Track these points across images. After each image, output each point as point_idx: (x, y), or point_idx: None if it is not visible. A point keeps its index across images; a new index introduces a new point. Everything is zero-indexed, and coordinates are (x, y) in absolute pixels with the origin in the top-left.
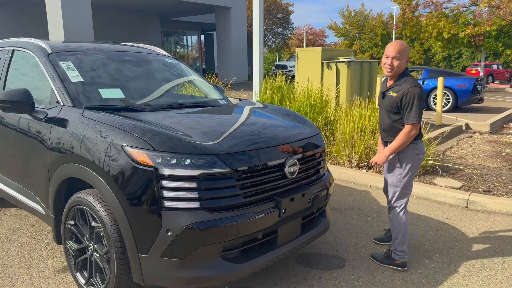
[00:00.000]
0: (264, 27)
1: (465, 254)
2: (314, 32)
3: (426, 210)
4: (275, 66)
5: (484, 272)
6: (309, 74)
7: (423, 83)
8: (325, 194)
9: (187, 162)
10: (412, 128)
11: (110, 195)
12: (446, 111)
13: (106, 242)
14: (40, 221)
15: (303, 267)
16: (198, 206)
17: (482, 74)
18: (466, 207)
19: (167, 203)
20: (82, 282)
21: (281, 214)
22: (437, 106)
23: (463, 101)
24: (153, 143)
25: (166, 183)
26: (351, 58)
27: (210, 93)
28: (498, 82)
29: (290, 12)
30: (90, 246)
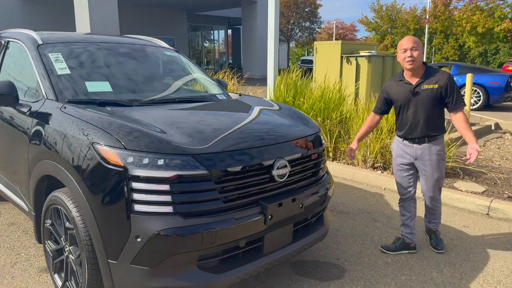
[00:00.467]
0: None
1: (479, 268)
2: (344, 26)
3: (443, 216)
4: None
5: None
6: (327, 69)
7: None
8: (322, 199)
9: (160, 162)
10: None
11: (80, 196)
12: (476, 110)
13: (78, 245)
14: None
15: (298, 276)
16: (171, 211)
17: None
18: (487, 215)
19: (137, 207)
20: (59, 284)
21: (267, 220)
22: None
23: (495, 99)
24: (124, 141)
25: (136, 185)
26: (373, 52)
27: (210, 87)
28: None
29: (318, 5)
30: (66, 247)
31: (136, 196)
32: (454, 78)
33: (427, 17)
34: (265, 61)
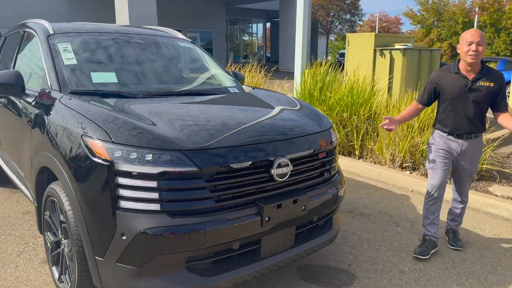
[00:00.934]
0: (331, 14)
1: (507, 283)
2: (388, 19)
3: (472, 222)
4: (339, 54)
5: None
6: (359, 62)
7: None
8: (329, 201)
9: (148, 157)
10: None
11: (70, 189)
12: None
13: (70, 239)
14: None
15: (303, 281)
16: (158, 209)
17: None
18: None
19: (123, 203)
20: (56, 276)
21: (263, 222)
22: (509, 101)
23: None
24: (112, 134)
25: (122, 180)
26: (409, 45)
27: (223, 80)
28: None
29: None
30: (62, 241)
31: (122, 192)
32: None
33: (476, 9)
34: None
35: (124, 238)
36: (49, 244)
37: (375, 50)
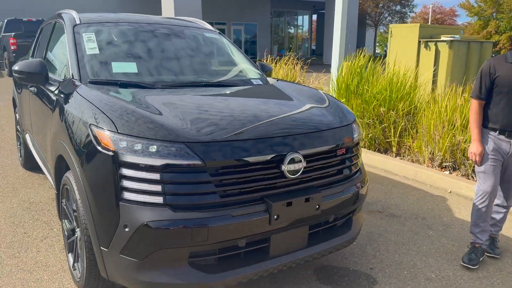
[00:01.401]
0: (380, 5)
1: None
2: (443, 11)
3: None
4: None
5: None
6: (402, 54)
7: None
8: (348, 200)
9: (152, 149)
10: None
11: (78, 179)
12: None
13: (80, 228)
14: None
15: (319, 282)
16: (160, 202)
17: None
18: None
19: (127, 195)
20: (71, 264)
21: (272, 220)
22: None
23: None
24: (118, 124)
25: (126, 172)
26: (456, 37)
27: (247, 71)
28: None
29: None
30: (76, 229)
31: (126, 183)
32: None
33: None
34: (347, 46)
35: (126, 230)
36: (65, 231)
37: (420, 42)
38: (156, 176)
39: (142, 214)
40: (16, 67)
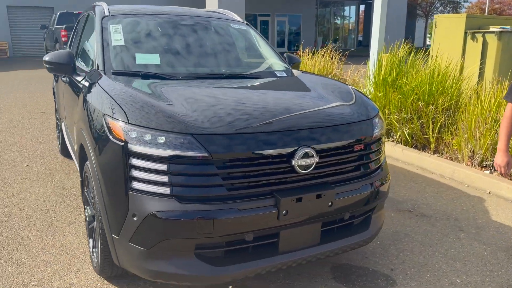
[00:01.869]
0: None
1: None
2: (502, 0)
3: None
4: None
5: None
6: (447, 46)
7: None
8: (367, 198)
9: (161, 140)
10: None
11: (93, 167)
12: None
13: (95, 215)
14: None
15: (334, 281)
16: (167, 193)
17: None
18: None
19: (136, 184)
20: (91, 248)
21: (280, 216)
22: None
23: None
24: (129, 114)
25: (135, 162)
26: (507, 28)
27: (272, 63)
28: None
29: None
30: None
31: (135, 173)
32: None
33: None
34: (395, 38)
35: (135, 219)
36: (87, 217)
37: (466, 33)
38: (163, 167)
39: (150, 204)
40: (46, 58)
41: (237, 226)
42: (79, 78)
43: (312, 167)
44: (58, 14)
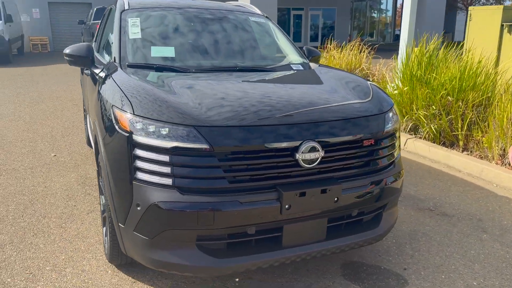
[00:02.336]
0: None
1: None
2: None
3: None
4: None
5: None
6: (482, 39)
7: None
8: (377, 194)
9: (164, 131)
10: None
11: (102, 157)
12: None
13: (105, 204)
14: None
15: (343, 278)
16: (169, 184)
17: None
18: None
19: (140, 175)
20: (104, 237)
21: (283, 210)
22: None
23: None
24: (135, 106)
25: (140, 152)
26: None
27: (289, 57)
28: None
29: None
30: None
31: (139, 163)
32: None
33: None
34: (433, 31)
35: (138, 208)
36: (102, 206)
37: (502, 25)
38: (166, 158)
39: (153, 194)
40: (66, 51)
41: (238, 219)
42: (97, 71)
43: (317, 162)
44: (95, 9)
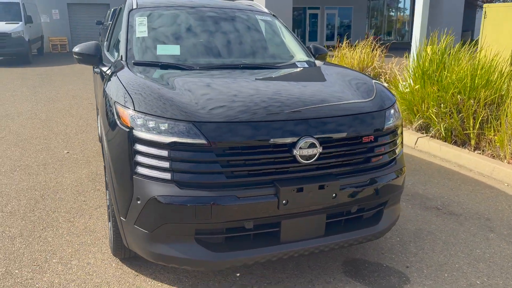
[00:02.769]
0: None
1: None
2: None
3: None
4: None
5: None
6: (496, 37)
7: None
8: (377, 191)
9: (163, 127)
10: None
11: (105, 153)
12: None
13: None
14: None
15: (344, 275)
16: (168, 178)
17: None
18: None
19: (140, 169)
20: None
21: (280, 205)
22: None
23: None
24: (136, 102)
25: (140, 147)
26: None
27: (295, 54)
28: None
29: None
30: None
31: (139, 158)
32: None
33: None
34: (453, 29)
35: (139, 202)
36: (108, 201)
37: None
38: (165, 153)
39: (152, 188)
40: (75, 49)
41: (236, 213)
42: (105, 69)
43: (315, 158)
44: (112, 10)
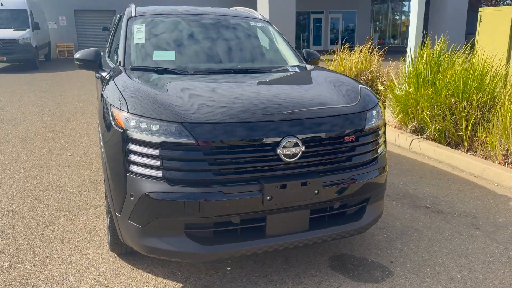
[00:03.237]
0: None
1: None
2: None
3: None
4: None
5: None
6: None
7: None
8: (359, 188)
9: (154, 128)
10: None
11: (101, 152)
12: None
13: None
14: None
15: (329, 269)
16: (159, 175)
17: None
18: None
19: (133, 167)
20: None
21: (265, 201)
22: None
23: None
24: (130, 105)
25: (133, 147)
26: None
27: (287, 59)
28: None
29: None
30: None
31: (132, 157)
32: None
33: None
34: (455, 32)
35: (132, 198)
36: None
37: None
38: (156, 152)
39: (144, 185)
40: (76, 55)
41: (222, 208)
42: (104, 74)
43: (298, 156)
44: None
